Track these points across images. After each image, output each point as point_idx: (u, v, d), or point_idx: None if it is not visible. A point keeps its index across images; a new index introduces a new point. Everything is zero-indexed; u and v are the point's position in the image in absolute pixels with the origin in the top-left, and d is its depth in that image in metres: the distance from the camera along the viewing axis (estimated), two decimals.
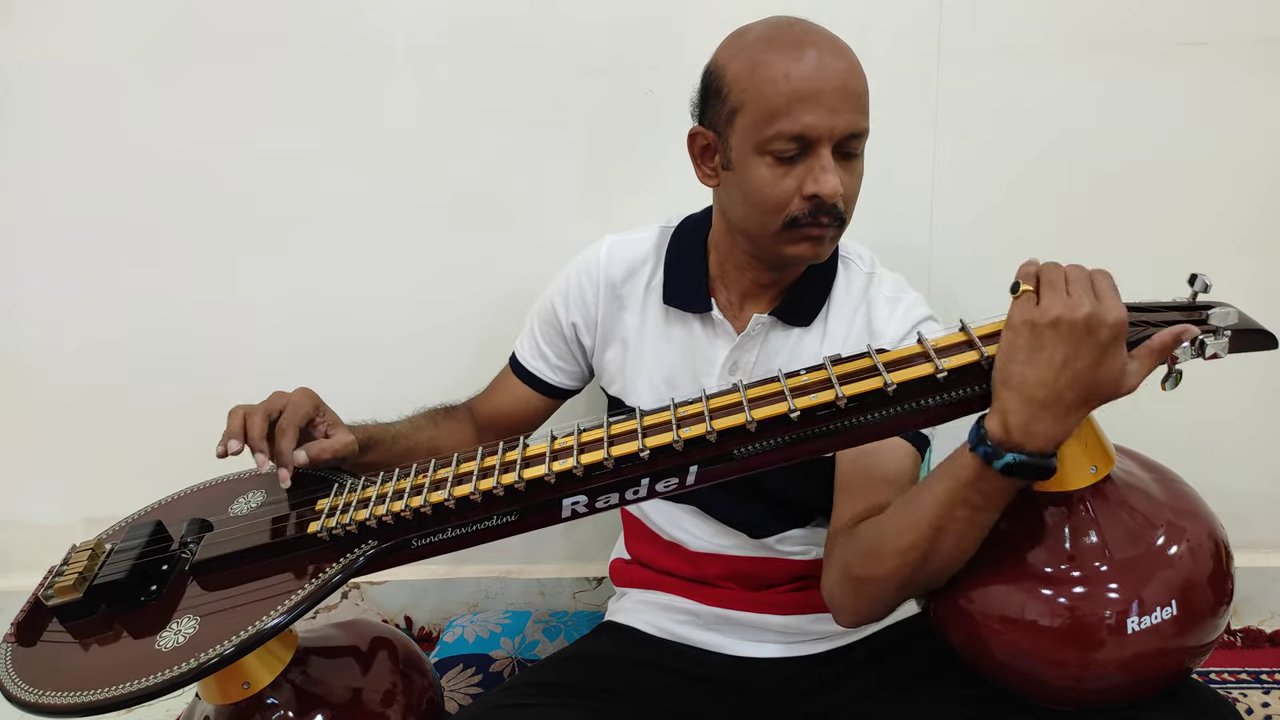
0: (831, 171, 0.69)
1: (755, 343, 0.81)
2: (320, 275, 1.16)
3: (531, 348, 0.92)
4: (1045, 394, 0.55)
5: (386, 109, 1.08)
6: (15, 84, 1.08)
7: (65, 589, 0.68)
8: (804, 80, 0.67)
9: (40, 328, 1.20)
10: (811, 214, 0.70)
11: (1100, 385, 0.55)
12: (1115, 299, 0.56)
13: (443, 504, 0.66)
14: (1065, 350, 0.55)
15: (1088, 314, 0.54)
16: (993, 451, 0.57)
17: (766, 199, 0.71)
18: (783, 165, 0.70)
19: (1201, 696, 0.65)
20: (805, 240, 0.72)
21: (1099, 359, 0.55)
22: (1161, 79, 1.00)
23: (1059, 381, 0.55)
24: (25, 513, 1.32)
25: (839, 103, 0.68)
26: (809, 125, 0.68)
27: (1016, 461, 0.57)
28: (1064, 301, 0.55)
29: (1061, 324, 0.54)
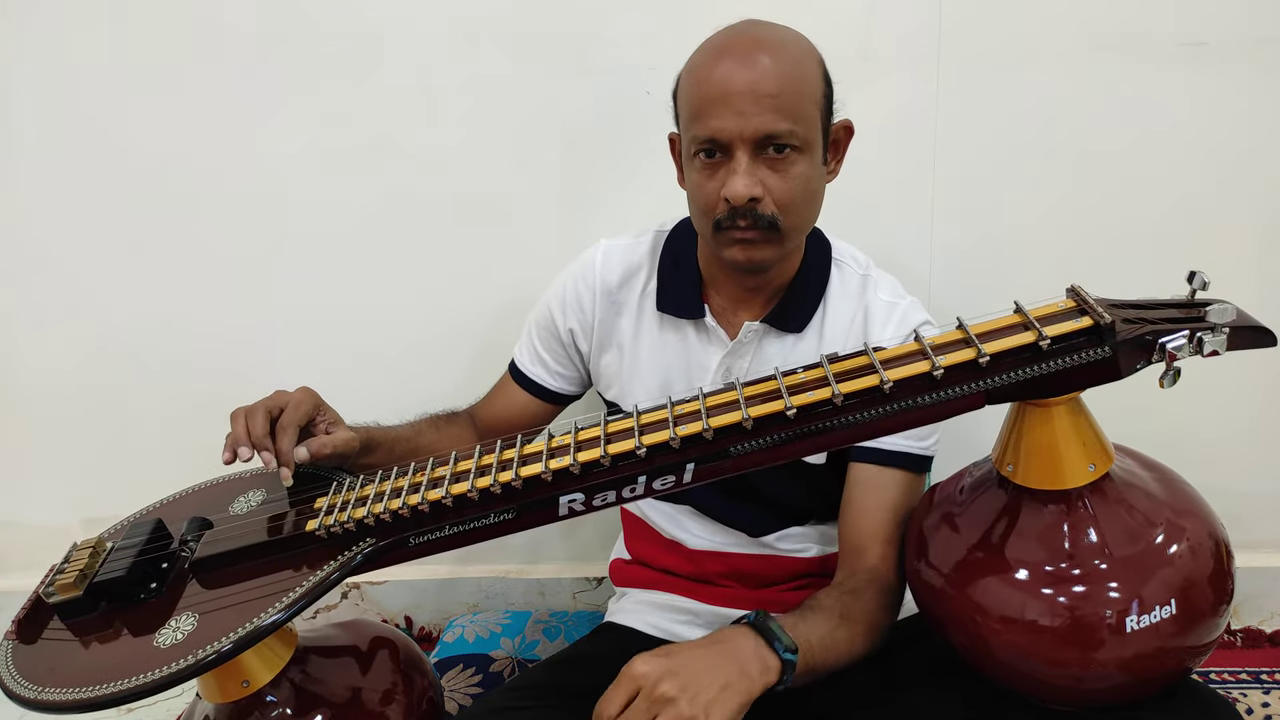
0: (740, 175, 0.69)
1: (748, 349, 0.81)
2: (320, 277, 1.16)
3: (530, 354, 0.92)
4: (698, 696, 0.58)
5: (386, 112, 1.08)
6: (15, 84, 1.09)
7: (66, 586, 0.68)
8: (713, 85, 0.69)
9: (39, 328, 1.21)
10: (730, 217, 0.71)
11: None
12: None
13: (440, 502, 0.66)
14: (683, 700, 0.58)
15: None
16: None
17: (697, 202, 0.74)
18: (708, 169, 0.71)
19: (1201, 696, 0.65)
20: (734, 244, 0.73)
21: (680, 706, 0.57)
22: (1162, 79, 1.00)
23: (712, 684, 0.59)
24: (24, 513, 1.32)
25: (747, 105, 0.68)
26: (717, 129, 0.69)
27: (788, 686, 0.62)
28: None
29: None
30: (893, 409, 0.60)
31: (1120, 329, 0.57)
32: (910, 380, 0.60)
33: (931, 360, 0.59)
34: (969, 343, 0.60)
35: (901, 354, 0.62)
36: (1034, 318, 0.60)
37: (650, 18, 1.01)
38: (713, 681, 0.59)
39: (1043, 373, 0.58)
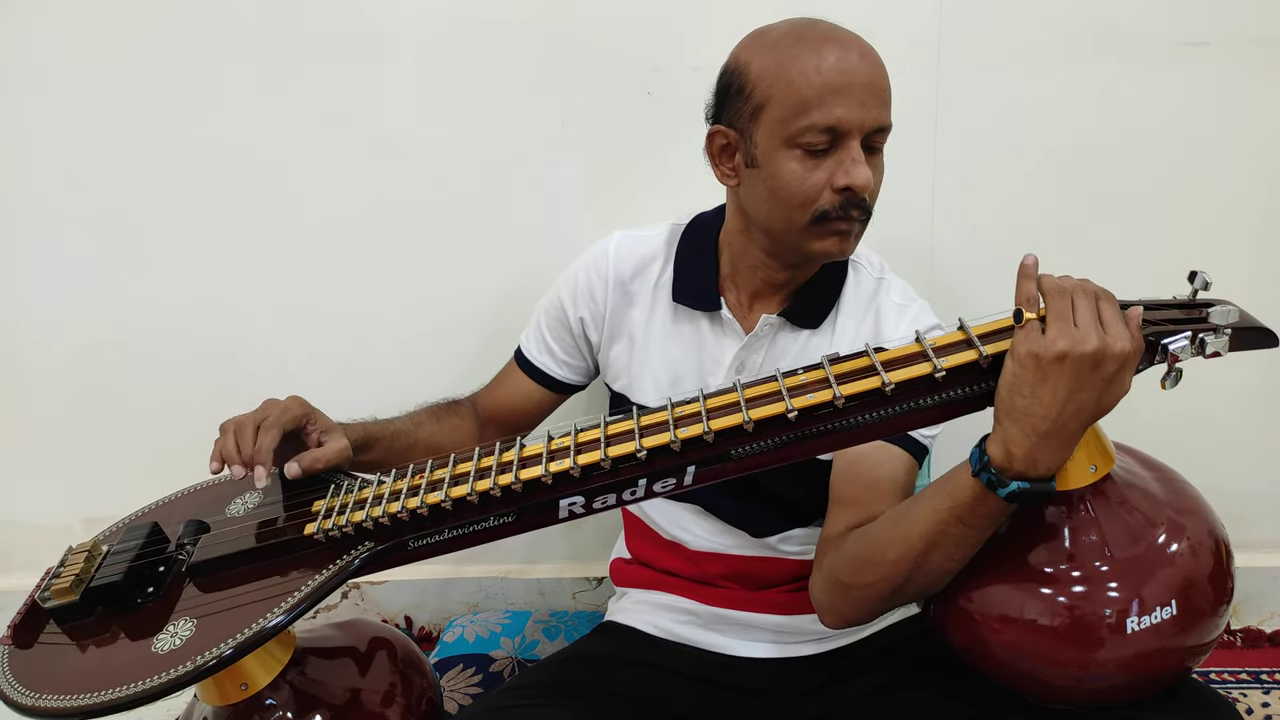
0: (863, 164, 0.70)
1: (763, 343, 0.81)
2: (320, 275, 1.16)
3: (538, 342, 0.91)
4: (1050, 426, 0.56)
5: (387, 109, 1.08)
6: (13, 82, 1.08)
7: (62, 591, 0.68)
8: (835, 74, 0.68)
9: (39, 328, 1.20)
10: (841, 207, 0.71)
11: (1104, 409, 0.56)
12: (1122, 328, 0.55)
13: (439, 505, 0.66)
14: (1070, 384, 0.55)
15: (1095, 349, 0.54)
16: (996, 479, 0.58)
17: (795, 193, 0.71)
18: (812, 159, 0.70)
19: (1201, 696, 0.65)
20: (833, 235, 0.73)
21: (1105, 390, 0.55)
22: (1163, 79, 1.00)
23: (1064, 414, 0.55)
24: (23, 513, 1.32)
25: (868, 96, 0.69)
26: (841, 118, 0.68)
27: (1020, 490, 0.57)
28: (1071, 335, 0.54)
29: (1068, 359, 0.54)
30: (894, 411, 0.60)
31: None
32: (912, 382, 0.59)
33: (933, 362, 0.59)
34: (970, 344, 0.60)
35: (903, 355, 0.61)
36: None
37: (651, 18, 1.01)
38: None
39: None
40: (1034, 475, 0.57)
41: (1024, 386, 0.56)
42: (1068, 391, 0.55)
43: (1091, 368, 0.54)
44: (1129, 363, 0.55)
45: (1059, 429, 0.56)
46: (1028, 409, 0.56)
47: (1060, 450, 0.57)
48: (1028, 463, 0.57)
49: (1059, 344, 0.54)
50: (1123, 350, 0.54)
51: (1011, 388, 0.56)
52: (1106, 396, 0.55)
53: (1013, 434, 0.57)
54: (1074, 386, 0.54)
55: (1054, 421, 0.55)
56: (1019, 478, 0.57)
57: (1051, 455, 0.57)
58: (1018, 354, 0.56)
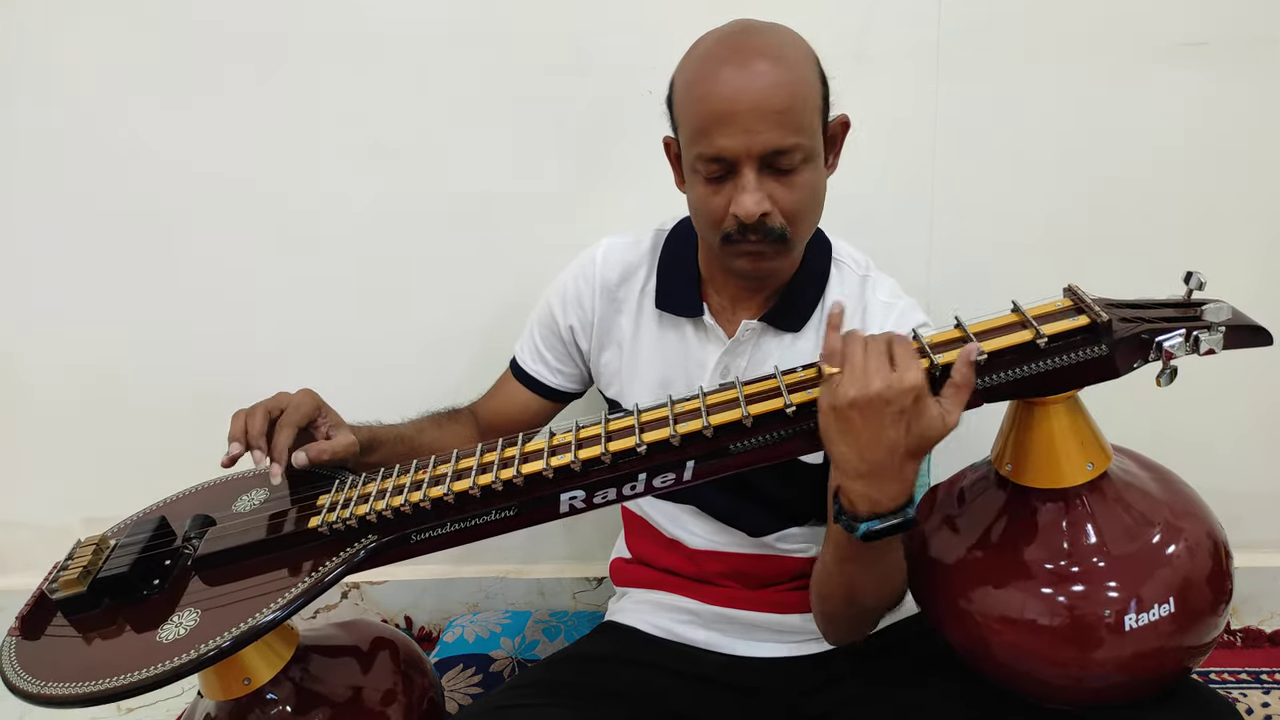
0: (749, 192, 0.67)
1: (746, 348, 0.81)
2: (320, 277, 1.16)
3: (531, 351, 0.92)
4: (868, 468, 0.58)
5: (387, 111, 1.08)
6: (12, 87, 1.09)
7: (69, 582, 0.68)
8: (718, 101, 0.66)
9: (39, 328, 1.21)
10: (740, 231, 0.70)
11: (919, 440, 0.58)
12: (909, 362, 0.58)
13: (442, 499, 0.67)
14: (870, 426, 0.57)
15: (881, 389, 0.56)
16: (849, 524, 0.61)
17: (703, 215, 0.72)
18: (713, 184, 0.70)
19: (1201, 696, 0.65)
20: (743, 255, 0.72)
21: (905, 423, 0.57)
22: (1162, 79, 1.00)
23: (876, 454, 0.58)
24: (24, 513, 1.32)
25: (754, 122, 0.65)
26: (724, 147, 0.67)
27: (871, 530, 0.60)
28: (857, 381, 0.57)
29: (858, 404, 0.57)
30: None
31: (1117, 328, 0.58)
32: None
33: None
34: (967, 341, 0.60)
35: None
36: (1031, 316, 0.60)
37: (650, 17, 1.02)
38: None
39: (1040, 371, 0.59)
40: (882, 512, 0.60)
41: (834, 436, 0.59)
42: (871, 434, 0.57)
43: (884, 406, 0.57)
44: (919, 395, 0.57)
45: (878, 469, 0.58)
46: (844, 456, 0.59)
47: (891, 485, 0.59)
48: (868, 503, 0.59)
49: (849, 392, 0.57)
50: (910, 384, 0.56)
51: (826, 439, 0.60)
52: (915, 430, 0.57)
53: (843, 482, 0.60)
54: (875, 428, 0.57)
55: (869, 464, 0.58)
56: (870, 518, 0.60)
57: (885, 493, 0.59)
58: (821, 407, 0.60)
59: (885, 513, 0.60)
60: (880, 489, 0.59)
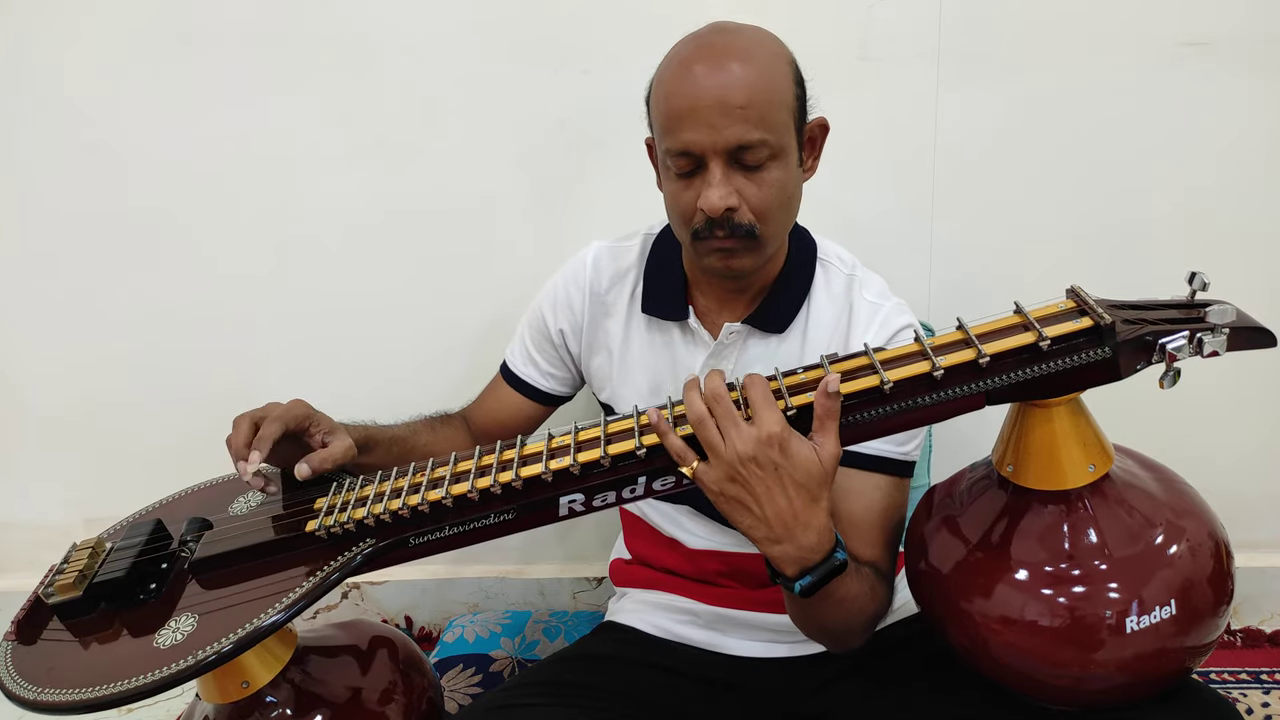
0: (716, 186, 0.68)
1: (732, 351, 0.81)
2: (318, 278, 1.16)
3: (523, 355, 0.92)
4: (768, 531, 0.59)
5: (384, 112, 1.08)
6: (14, 86, 1.09)
7: (65, 587, 0.68)
8: (682, 98, 0.68)
9: (40, 328, 1.21)
10: (707, 227, 0.71)
11: (805, 484, 0.58)
12: (764, 413, 0.57)
13: (440, 502, 0.66)
14: (748, 493, 0.58)
15: (738, 454, 0.57)
16: (786, 585, 0.62)
17: (674, 212, 0.73)
18: (683, 180, 0.71)
19: (1201, 696, 0.65)
20: (713, 252, 0.72)
21: (781, 477, 0.57)
22: (1162, 79, 1.00)
23: (768, 516, 0.58)
24: (24, 513, 1.32)
25: (717, 118, 0.67)
26: (689, 142, 0.68)
27: (806, 585, 0.61)
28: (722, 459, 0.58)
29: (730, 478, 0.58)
30: (893, 409, 0.60)
31: (1120, 329, 0.57)
32: (910, 380, 0.60)
33: (932, 361, 0.59)
34: (969, 343, 0.60)
35: (902, 354, 0.62)
36: (1034, 318, 0.59)
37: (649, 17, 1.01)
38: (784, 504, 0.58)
39: (1043, 373, 0.58)
40: (811, 564, 0.60)
41: (731, 514, 0.60)
42: (755, 501, 0.58)
43: (753, 469, 0.57)
44: (782, 442, 0.57)
45: (784, 528, 0.59)
46: (750, 530, 0.60)
47: (805, 537, 0.59)
48: (794, 563, 0.60)
49: (711, 476, 0.58)
50: (768, 434, 0.56)
51: (729, 519, 0.61)
52: (797, 477, 0.57)
53: (762, 550, 0.61)
54: (754, 495, 0.58)
55: (768, 526, 0.59)
56: (801, 574, 0.60)
57: (803, 546, 0.59)
58: (710, 495, 0.60)
59: (814, 564, 0.60)
60: (797, 545, 0.59)
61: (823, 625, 0.68)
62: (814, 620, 0.67)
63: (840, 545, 0.62)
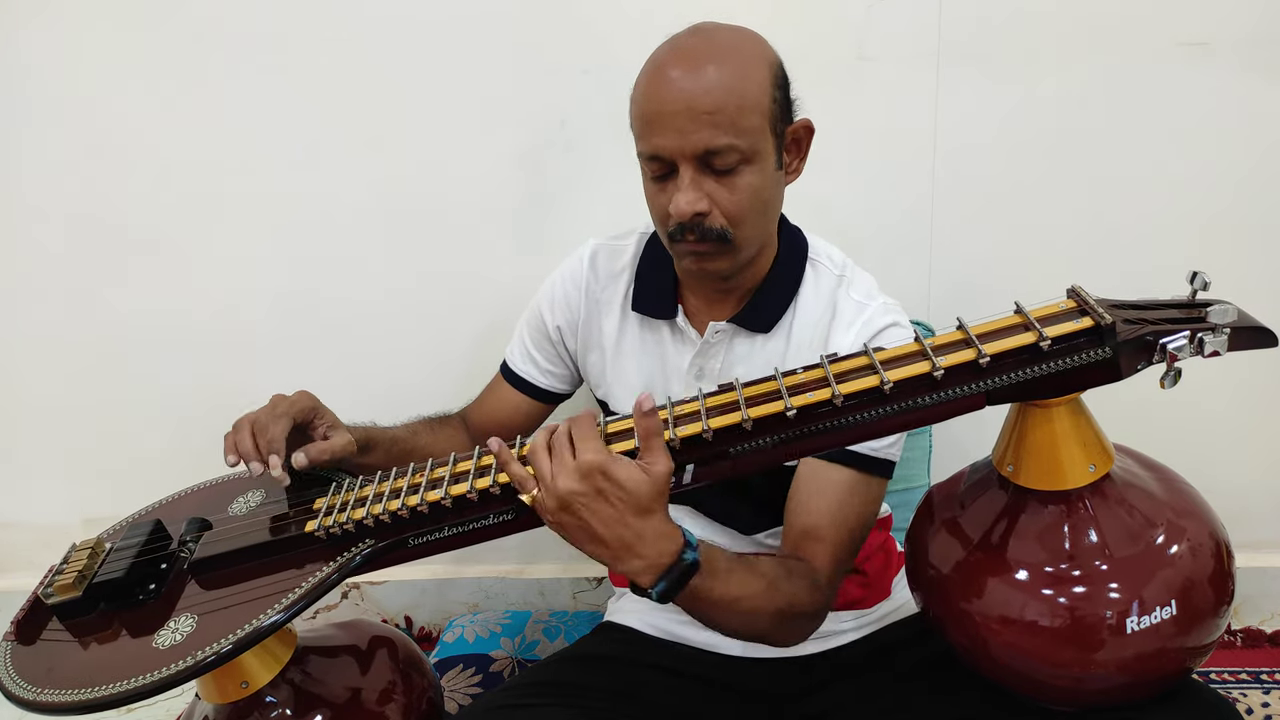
0: (684, 190, 0.68)
1: (718, 349, 0.81)
2: (318, 277, 1.16)
3: (522, 353, 0.92)
4: (610, 552, 0.60)
5: (384, 111, 1.08)
6: (15, 85, 1.09)
7: (65, 587, 0.68)
8: (651, 102, 0.69)
9: (40, 328, 1.21)
10: (679, 230, 0.71)
11: (636, 500, 0.59)
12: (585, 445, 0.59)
13: (439, 503, 0.66)
14: (578, 519, 0.59)
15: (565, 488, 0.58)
16: (651, 597, 0.62)
17: (652, 214, 0.75)
18: (658, 183, 0.72)
19: (1201, 697, 0.65)
20: (689, 254, 0.73)
21: (609, 498, 0.58)
22: (1162, 79, 1.00)
23: (604, 537, 0.59)
24: (25, 513, 1.32)
25: (686, 123, 0.67)
26: (659, 146, 0.69)
27: (662, 591, 0.61)
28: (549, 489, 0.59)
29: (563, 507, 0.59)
30: (893, 409, 0.60)
31: (1121, 330, 0.57)
32: (910, 381, 0.59)
33: (932, 361, 0.59)
34: (969, 343, 0.60)
35: (902, 354, 0.61)
36: (1034, 318, 0.59)
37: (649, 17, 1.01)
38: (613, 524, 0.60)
39: (1043, 373, 0.58)
40: (662, 571, 0.60)
41: (574, 541, 0.61)
42: (590, 525, 0.59)
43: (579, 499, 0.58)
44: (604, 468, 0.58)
45: (624, 545, 0.59)
46: (595, 554, 0.61)
47: (649, 548, 0.60)
48: (646, 574, 0.60)
49: (548, 503, 0.60)
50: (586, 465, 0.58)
51: (571, 544, 0.62)
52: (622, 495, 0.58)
53: (613, 569, 0.62)
54: (587, 518, 0.59)
55: (614, 545, 0.59)
56: (655, 583, 0.61)
57: (649, 557, 0.60)
58: (548, 524, 0.62)
59: (666, 569, 0.60)
60: (642, 557, 0.60)
61: (719, 626, 0.68)
62: (709, 622, 0.67)
63: (691, 547, 0.62)
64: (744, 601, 0.65)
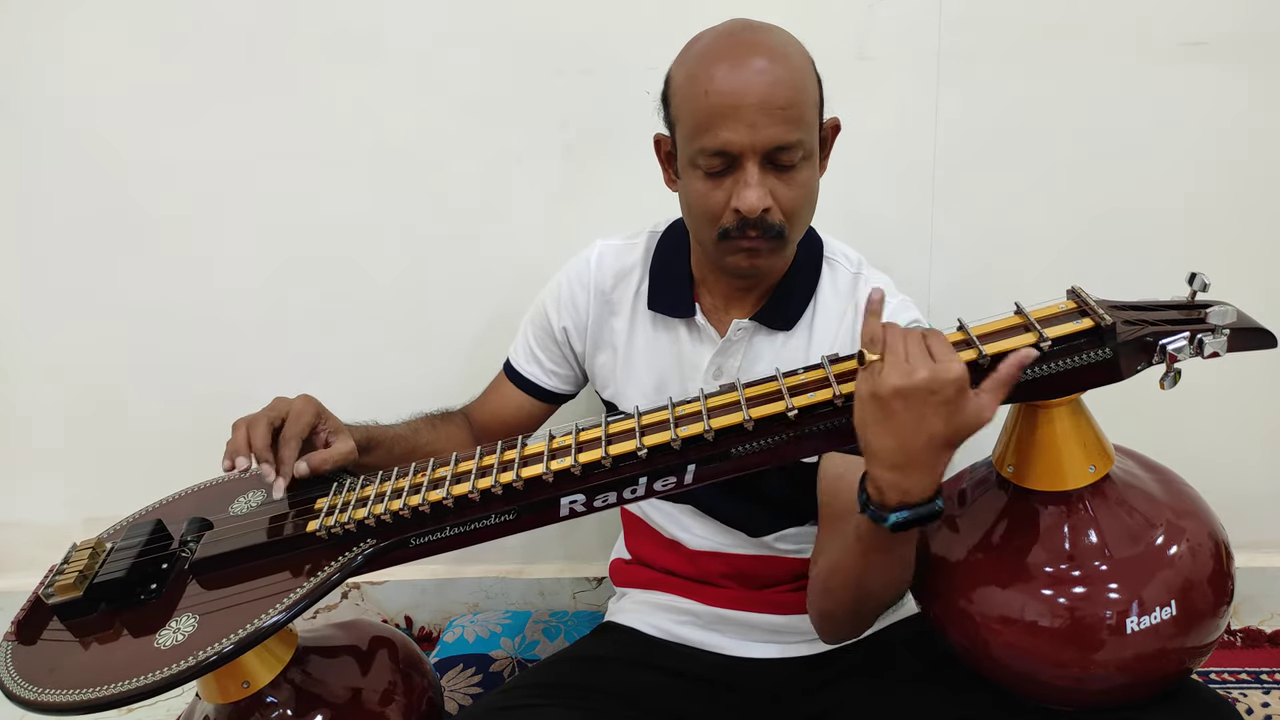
0: (753, 187, 0.68)
1: (738, 348, 0.81)
2: (318, 277, 1.16)
3: (526, 353, 0.92)
4: (904, 458, 0.57)
5: (386, 111, 1.08)
6: (14, 85, 1.09)
7: (65, 587, 0.68)
8: (722, 95, 0.67)
9: (40, 327, 1.20)
10: (739, 227, 0.70)
11: (957, 431, 0.57)
12: (950, 355, 0.57)
13: (441, 503, 0.66)
14: (912, 416, 0.56)
15: (926, 378, 0.55)
16: (877, 513, 0.59)
17: (701, 211, 0.73)
18: (714, 178, 0.70)
19: (1201, 697, 0.65)
20: (739, 252, 0.72)
21: (947, 414, 0.56)
22: (1162, 79, 1.00)
23: (914, 444, 0.57)
24: (25, 513, 1.32)
25: (758, 117, 0.66)
26: (728, 141, 0.67)
27: (901, 520, 0.58)
28: (901, 369, 0.56)
29: (901, 392, 0.56)
30: None
31: (1121, 330, 0.58)
32: None
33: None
34: (970, 344, 0.60)
35: None
36: (1035, 319, 0.59)
37: (650, 17, 1.01)
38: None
39: (1043, 374, 0.58)
40: (912, 502, 0.58)
41: (871, 425, 0.57)
42: (912, 423, 0.56)
43: (927, 395, 0.55)
44: (963, 386, 0.56)
45: (913, 460, 0.57)
46: (881, 445, 0.57)
47: (924, 477, 0.57)
48: (899, 493, 0.58)
49: (892, 379, 0.56)
50: (955, 375, 0.55)
51: (862, 426, 0.58)
52: (955, 421, 0.56)
53: (875, 471, 0.58)
54: (916, 417, 0.56)
55: (907, 454, 0.57)
56: (900, 508, 0.58)
57: (917, 483, 0.58)
58: (861, 395, 0.58)
59: (915, 503, 0.58)
60: (913, 479, 0.57)
61: (864, 584, 0.66)
62: (862, 573, 0.65)
63: (943, 496, 0.60)
64: (905, 569, 0.65)
